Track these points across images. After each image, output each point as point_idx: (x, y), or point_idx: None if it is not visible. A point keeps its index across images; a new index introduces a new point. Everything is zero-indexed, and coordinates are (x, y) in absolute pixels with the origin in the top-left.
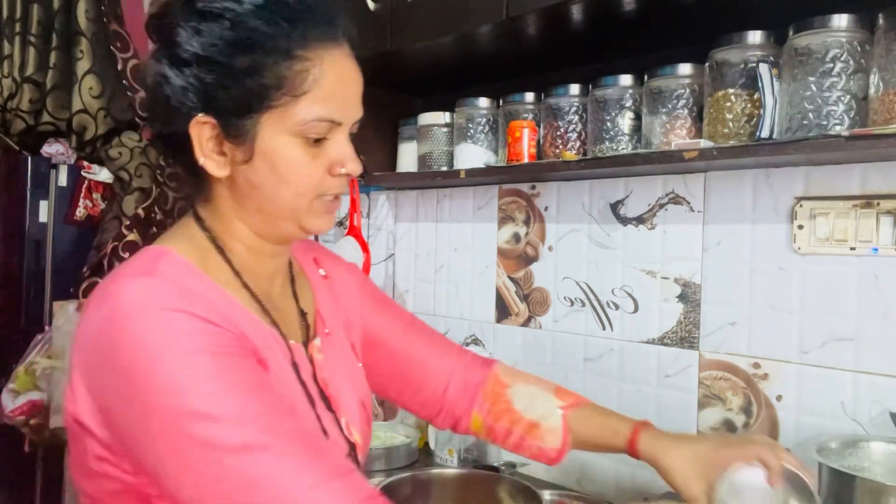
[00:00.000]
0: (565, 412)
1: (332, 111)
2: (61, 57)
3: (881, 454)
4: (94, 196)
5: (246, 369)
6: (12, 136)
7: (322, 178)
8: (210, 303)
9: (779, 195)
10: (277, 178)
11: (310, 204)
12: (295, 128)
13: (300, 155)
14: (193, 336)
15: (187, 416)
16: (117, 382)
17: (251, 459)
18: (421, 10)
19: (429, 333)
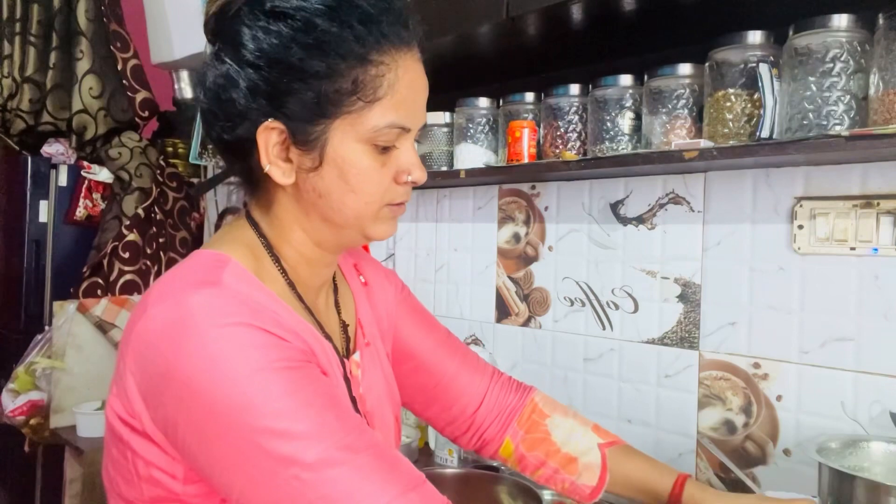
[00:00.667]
0: (604, 450)
1: (402, 117)
2: (61, 57)
3: (881, 454)
4: (94, 196)
5: (317, 383)
6: (12, 136)
7: (389, 186)
8: (274, 315)
9: (779, 195)
10: (346, 187)
11: (377, 212)
12: (367, 135)
13: (369, 163)
14: (262, 350)
15: (263, 434)
16: (181, 395)
17: (329, 476)
18: (421, 10)
19: (462, 351)
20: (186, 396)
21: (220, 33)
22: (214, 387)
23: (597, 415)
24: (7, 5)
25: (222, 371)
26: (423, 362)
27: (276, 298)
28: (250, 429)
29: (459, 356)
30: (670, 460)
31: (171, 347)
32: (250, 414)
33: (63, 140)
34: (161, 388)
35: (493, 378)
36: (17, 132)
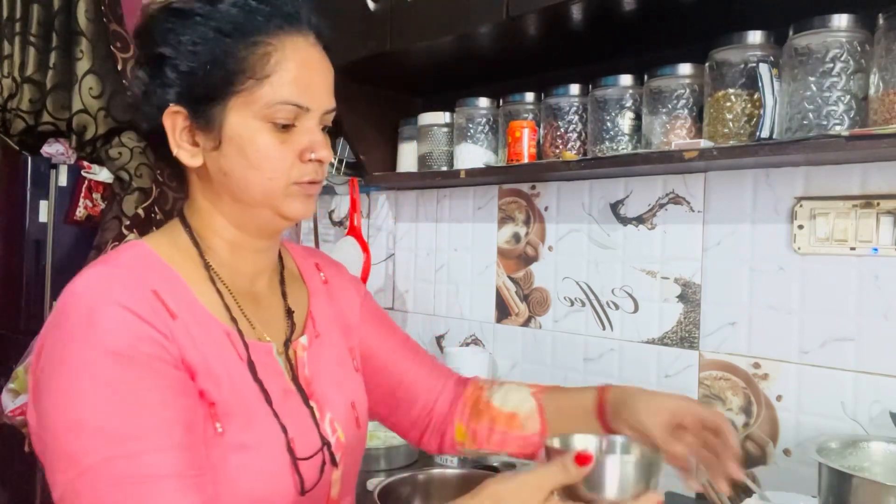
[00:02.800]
0: (537, 396)
1: (296, 95)
2: (61, 57)
3: (881, 454)
4: (94, 196)
5: (150, 380)
6: (12, 136)
7: (293, 163)
8: (151, 297)
9: (779, 195)
10: (247, 164)
11: (285, 189)
12: (261, 112)
13: (268, 140)
14: (113, 333)
15: (69, 424)
16: (46, 364)
17: (90, 480)
18: (421, 10)
19: (421, 353)
20: (47, 368)
21: (139, 41)
22: (59, 359)
23: None
24: (7, 5)
25: (68, 347)
26: (385, 366)
27: (177, 278)
28: (61, 414)
29: (419, 359)
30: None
31: (53, 323)
32: (66, 398)
33: (63, 140)
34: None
35: (447, 377)
36: (17, 132)
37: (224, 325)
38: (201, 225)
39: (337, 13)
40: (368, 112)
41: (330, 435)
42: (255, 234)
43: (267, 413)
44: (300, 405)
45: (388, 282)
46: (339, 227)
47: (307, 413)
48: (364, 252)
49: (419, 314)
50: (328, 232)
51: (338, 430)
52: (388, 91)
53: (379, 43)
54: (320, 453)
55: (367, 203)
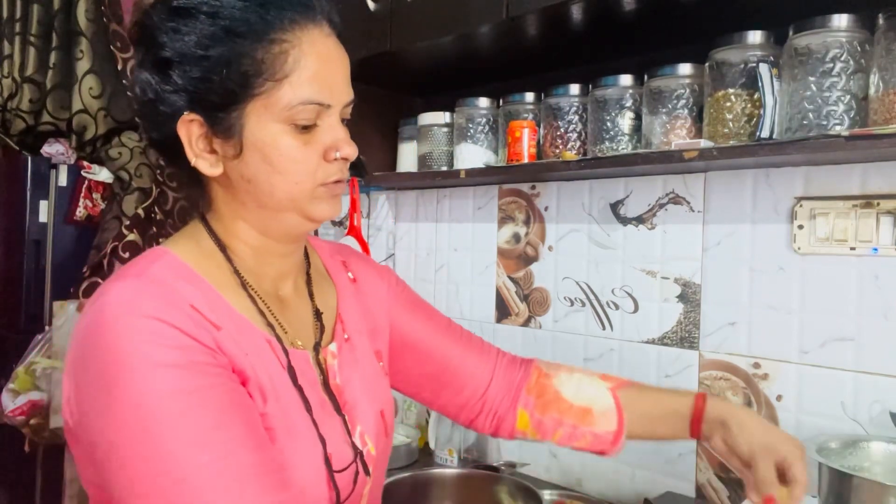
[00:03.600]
0: (615, 392)
1: (317, 93)
2: (61, 57)
3: (881, 454)
4: (94, 196)
5: (210, 388)
6: (12, 136)
7: (318, 164)
8: (191, 307)
9: (779, 195)
10: (271, 170)
11: (312, 192)
12: (282, 114)
13: (291, 143)
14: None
15: (141, 432)
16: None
17: (188, 490)
18: (421, 10)
19: (466, 336)
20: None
21: (140, 41)
22: (113, 378)
23: None
24: (7, 5)
25: (120, 363)
26: (426, 351)
27: (209, 289)
28: (133, 426)
29: (463, 341)
30: (670, 460)
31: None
32: (135, 410)
33: (63, 140)
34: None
35: (498, 357)
36: (17, 132)
37: (263, 333)
38: (224, 231)
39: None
40: (368, 112)
41: (361, 446)
42: (281, 238)
43: (308, 424)
44: (333, 415)
45: None
46: (339, 227)
47: (340, 423)
48: (364, 252)
49: None
50: (328, 232)
51: (368, 444)
52: (388, 91)
53: (379, 43)
54: (354, 464)
55: (367, 203)
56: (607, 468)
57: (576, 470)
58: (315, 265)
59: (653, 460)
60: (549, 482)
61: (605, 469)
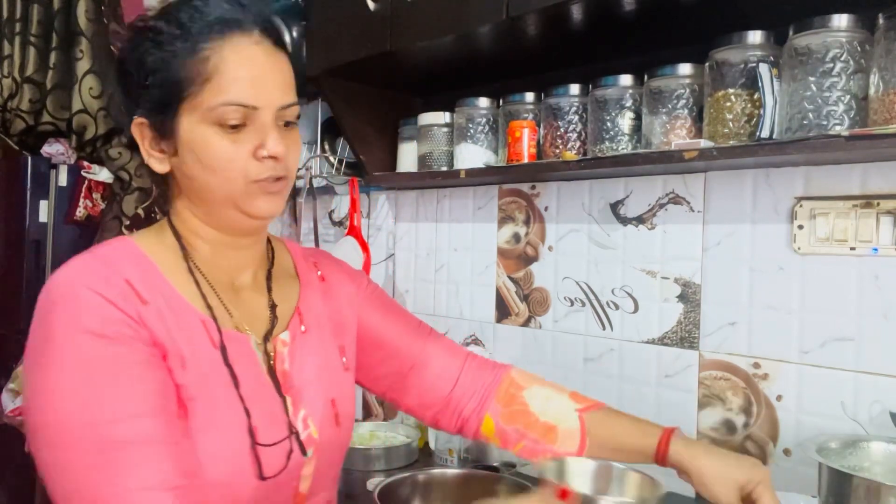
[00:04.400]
0: (582, 416)
1: (238, 95)
2: (61, 57)
3: (881, 454)
4: (94, 196)
5: (125, 355)
6: (12, 136)
7: (247, 162)
8: (124, 286)
9: (779, 195)
10: (202, 167)
11: (244, 189)
12: (207, 115)
13: (219, 142)
14: (88, 314)
15: (50, 394)
16: (32, 348)
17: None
18: (421, 10)
19: (434, 336)
20: (32, 352)
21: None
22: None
23: None
24: (7, 5)
25: (51, 330)
26: (393, 349)
27: (155, 272)
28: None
29: (431, 341)
30: None
31: (36, 309)
32: (54, 375)
33: (63, 140)
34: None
35: (467, 359)
36: (17, 132)
37: (200, 313)
38: (182, 226)
39: (337, 13)
40: (368, 112)
41: (301, 430)
42: (230, 232)
43: (233, 397)
44: (272, 395)
45: (388, 282)
46: (339, 227)
47: (278, 403)
48: (364, 252)
49: (419, 314)
50: (328, 232)
51: (311, 427)
52: (388, 91)
53: (379, 43)
54: (286, 441)
55: (367, 203)
56: None
57: None
58: (282, 263)
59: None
60: None
61: None
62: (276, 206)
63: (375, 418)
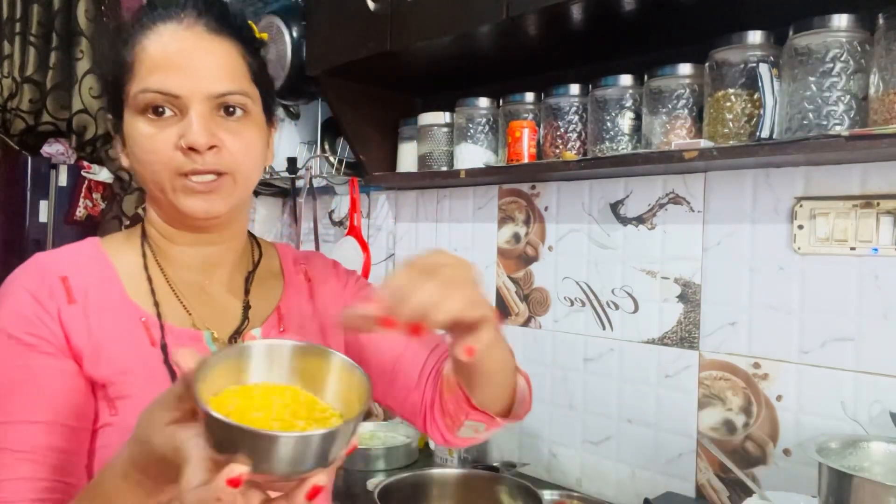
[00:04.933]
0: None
1: (159, 81)
2: (61, 57)
3: (881, 454)
4: (94, 196)
5: (31, 363)
6: (12, 136)
7: (171, 154)
8: (57, 283)
9: (779, 195)
10: (135, 159)
11: (171, 183)
12: (134, 105)
13: (142, 131)
14: (12, 315)
15: None
16: None
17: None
18: (421, 10)
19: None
20: None
21: None
22: None
23: (597, 415)
24: (7, 5)
25: None
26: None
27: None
28: None
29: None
30: (670, 460)
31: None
32: None
33: (63, 140)
34: None
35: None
36: (17, 132)
37: (144, 312)
38: (150, 226)
39: (337, 13)
40: (368, 112)
41: None
42: (184, 228)
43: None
44: None
45: None
46: (339, 227)
47: None
48: (364, 252)
49: None
50: (328, 232)
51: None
52: (388, 91)
53: (379, 43)
54: None
55: (367, 203)
56: (607, 468)
57: (576, 470)
58: (268, 265)
59: (653, 460)
60: (549, 482)
61: (605, 469)
62: (213, 206)
63: (375, 418)
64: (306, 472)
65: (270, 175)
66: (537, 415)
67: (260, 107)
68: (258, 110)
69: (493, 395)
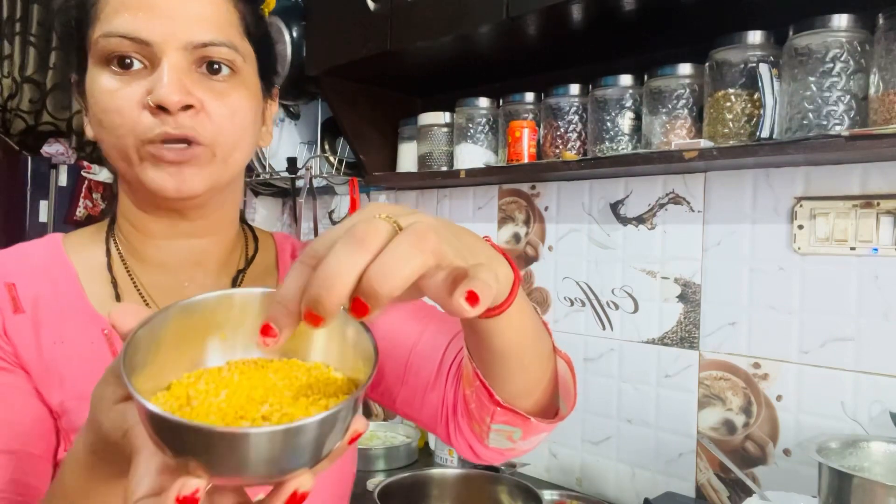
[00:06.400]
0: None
1: (125, 24)
2: (61, 57)
3: (881, 454)
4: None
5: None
6: (12, 136)
7: (137, 115)
8: (4, 294)
9: (779, 195)
10: (96, 123)
11: (137, 152)
12: (96, 54)
13: (104, 86)
14: None
15: None
16: None
17: None
18: (421, 10)
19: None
20: None
21: None
22: None
23: (597, 415)
24: (7, 5)
25: None
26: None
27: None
28: None
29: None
30: (670, 460)
31: None
32: None
33: (63, 140)
34: None
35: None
36: (17, 132)
37: (107, 322)
38: (118, 209)
39: (337, 13)
40: (368, 112)
41: None
42: (155, 212)
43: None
44: None
45: None
46: None
47: None
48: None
49: None
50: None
51: None
52: (388, 91)
53: (379, 43)
54: None
55: (367, 203)
56: (607, 468)
57: (576, 470)
58: (263, 262)
59: (653, 460)
60: (549, 482)
61: (605, 469)
62: (180, 182)
63: (375, 418)
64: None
65: (270, 175)
66: None
67: (254, 68)
68: (251, 71)
69: (524, 384)
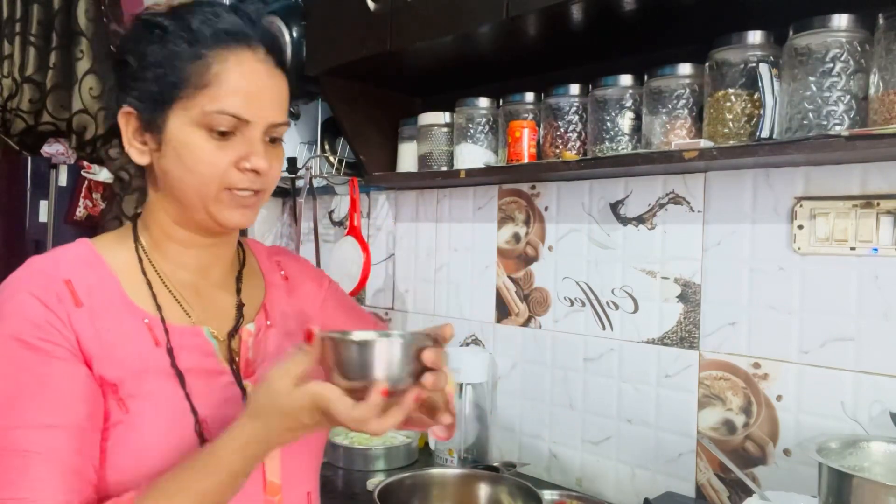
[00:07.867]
0: None
1: (234, 106)
2: (61, 57)
3: (881, 454)
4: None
5: (44, 366)
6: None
7: (227, 170)
8: (62, 287)
9: (779, 195)
10: (183, 167)
11: (217, 195)
12: (199, 119)
13: (203, 145)
14: (21, 321)
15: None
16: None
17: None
18: (421, 10)
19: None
20: None
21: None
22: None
23: (597, 415)
24: (7, 5)
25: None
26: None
27: (105, 272)
28: None
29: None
30: (670, 460)
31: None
32: None
33: (63, 140)
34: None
35: None
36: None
37: (146, 313)
38: (150, 219)
39: (337, 13)
40: (368, 112)
41: None
42: (200, 233)
43: (178, 396)
44: (229, 385)
45: (388, 282)
46: (339, 227)
47: (237, 394)
48: (364, 252)
49: (419, 314)
50: (328, 232)
51: None
52: (388, 91)
53: (379, 43)
54: None
55: (367, 203)
56: (607, 468)
57: (576, 470)
58: (250, 264)
59: (653, 460)
60: (549, 482)
61: (605, 469)
62: (248, 219)
63: None
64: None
65: None
66: (537, 415)
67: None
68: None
69: None
